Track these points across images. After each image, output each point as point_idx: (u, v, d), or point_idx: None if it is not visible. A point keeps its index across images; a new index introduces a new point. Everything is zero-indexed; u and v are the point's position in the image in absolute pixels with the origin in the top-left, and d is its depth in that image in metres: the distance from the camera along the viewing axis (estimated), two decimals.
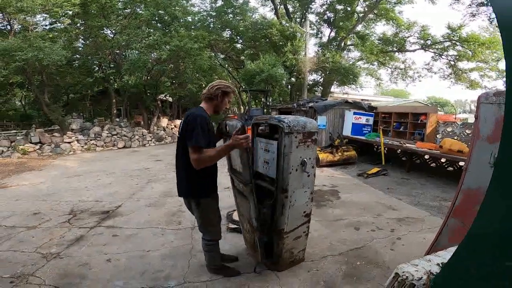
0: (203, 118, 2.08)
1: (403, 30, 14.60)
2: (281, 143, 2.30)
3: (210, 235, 2.44)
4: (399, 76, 16.66)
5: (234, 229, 3.50)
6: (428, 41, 14.26)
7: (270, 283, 2.47)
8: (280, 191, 2.38)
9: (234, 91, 2.30)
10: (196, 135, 1.98)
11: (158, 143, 12.63)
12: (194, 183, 2.20)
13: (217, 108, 2.32)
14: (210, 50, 13.94)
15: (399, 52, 15.54)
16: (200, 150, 2.00)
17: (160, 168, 7.55)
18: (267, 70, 11.31)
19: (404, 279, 1.85)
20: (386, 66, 16.26)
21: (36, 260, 2.81)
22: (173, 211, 4.26)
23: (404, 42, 14.78)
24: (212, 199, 2.36)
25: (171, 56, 10.95)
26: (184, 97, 15.75)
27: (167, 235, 3.40)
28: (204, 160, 2.02)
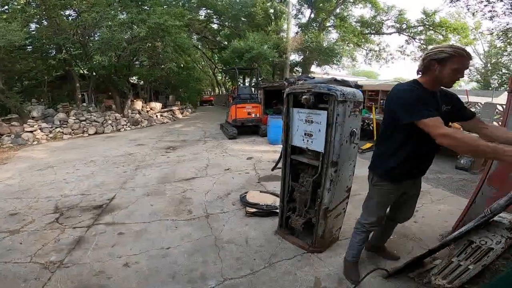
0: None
1: (382, 13, 14.86)
2: (334, 112, 2.05)
3: None
4: (373, 57, 17.15)
5: (253, 213, 3.24)
6: (403, 25, 14.70)
7: (315, 266, 2.30)
8: (330, 164, 2.16)
9: (461, 54, 1.54)
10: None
11: (134, 127, 11.72)
12: None
13: (437, 81, 1.66)
14: (187, 30, 13.05)
15: (376, 34, 15.88)
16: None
17: (145, 152, 6.96)
18: (256, 48, 10.88)
19: (481, 245, 1.80)
20: (361, 47, 16.56)
21: (37, 272, 2.30)
22: (178, 199, 3.88)
23: (382, 25, 15.11)
24: None
25: (149, 34, 10.00)
26: (160, 79, 14.70)
27: (182, 227, 3.03)
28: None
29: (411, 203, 2.12)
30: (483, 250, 1.73)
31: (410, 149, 1.74)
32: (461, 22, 13.50)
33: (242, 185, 4.38)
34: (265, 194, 3.77)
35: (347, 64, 16.66)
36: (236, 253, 2.46)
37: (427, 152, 1.81)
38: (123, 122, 11.39)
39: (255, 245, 2.58)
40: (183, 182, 4.61)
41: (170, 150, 7.26)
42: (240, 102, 8.60)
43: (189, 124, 12.97)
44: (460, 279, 1.83)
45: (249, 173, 5.09)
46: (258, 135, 8.80)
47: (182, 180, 4.74)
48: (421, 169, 1.91)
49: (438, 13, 13.58)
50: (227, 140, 8.51)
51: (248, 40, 11.72)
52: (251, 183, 4.49)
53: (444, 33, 13.68)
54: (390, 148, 1.82)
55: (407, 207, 2.13)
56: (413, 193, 2.06)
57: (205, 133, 10.21)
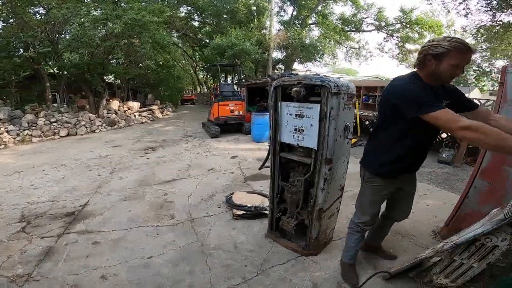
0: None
1: (362, 11, 15.10)
2: (327, 105, 1.89)
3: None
4: (353, 55, 17.42)
5: (241, 216, 3.04)
6: (382, 22, 15.03)
7: (311, 270, 2.14)
8: (324, 162, 2.01)
9: (459, 48, 1.40)
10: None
11: (111, 127, 11.10)
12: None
13: (434, 77, 1.53)
14: (166, 27, 12.59)
15: (357, 32, 16.15)
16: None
17: (122, 154, 6.54)
18: (239, 44, 10.62)
19: (486, 242, 1.71)
20: (342, 45, 16.77)
21: (3, 286, 2.04)
22: (158, 203, 3.60)
23: (362, 22, 15.36)
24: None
25: (125, 30, 9.48)
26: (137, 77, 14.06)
27: (164, 233, 2.78)
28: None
29: (408, 200, 2.01)
30: (487, 248, 1.64)
31: (409, 144, 1.65)
32: (435, 20, 13.98)
33: (227, 186, 4.17)
34: (253, 195, 3.58)
35: (328, 61, 16.82)
36: (225, 260, 2.26)
37: (425, 146, 1.75)
38: (98, 122, 10.77)
39: (245, 250, 2.39)
40: (164, 185, 4.32)
41: (150, 151, 6.89)
42: (222, 99, 8.34)
43: (170, 124, 12.52)
44: (464, 278, 1.75)
45: (234, 172, 4.88)
46: (241, 133, 8.59)
47: (162, 182, 4.45)
48: (417, 164, 1.83)
49: (414, 11, 14.04)
50: (210, 139, 8.24)
51: (231, 36, 11.43)
52: (236, 184, 4.29)
53: (420, 30, 14.13)
54: (385, 143, 1.73)
55: (404, 204, 2.02)
56: (409, 190, 1.96)
57: (186, 132, 9.86)
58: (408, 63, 16.77)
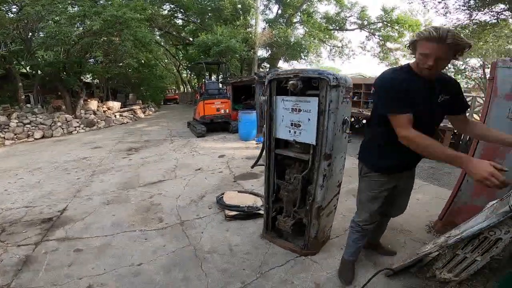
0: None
1: (346, 10, 15.36)
2: (326, 98, 1.81)
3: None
4: (337, 53, 17.68)
5: (234, 217, 2.91)
6: (365, 21, 15.33)
7: (312, 270, 2.06)
8: (323, 158, 1.92)
9: (423, 37, 1.32)
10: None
11: (89, 128, 10.58)
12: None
13: (419, 68, 1.46)
14: (148, 25, 12.18)
15: (340, 30, 16.39)
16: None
17: (102, 156, 6.21)
18: (225, 41, 10.41)
19: (490, 235, 1.69)
20: (326, 44, 16.95)
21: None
22: (144, 205, 3.40)
23: (345, 21, 15.61)
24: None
25: (105, 27, 9.05)
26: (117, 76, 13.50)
27: (153, 238, 2.60)
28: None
29: (405, 196, 1.97)
30: (491, 241, 1.62)
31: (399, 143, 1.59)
32: (414, 19, 14.45)
33: (217, 186, 4.03)
34: (244, 194, 3.46)
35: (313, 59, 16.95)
36: (222, 264, 2.13)
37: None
38: (76, 123, 10.24)
39: (241, 252, 2.27)
40: (149, 187, 4.11)
41: (133, 152, 6.60)
42: (208, 98, 8.13)
43: (153, 124, 12.13)
44: (467, 271, 1.72)
45: (222, 172, 4.74)
46: (228, 132, 8.43)
47: (148, 184, 4.24)
48: (415, 160, 1.75)
49: (395, 10, 14.45)
50: (196, 138, 8.02)
51: (216, 33, 11.19)
52: (226, 183, 4.15)
53: (399, 29, 14.55)
54: (379, 138, 1.68)
55: (401, 200, 1.96)
56: (406, 185, 1.91)
57: (171, 132, 9.56)
58: (388, 62, 17.20)
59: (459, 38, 1.28)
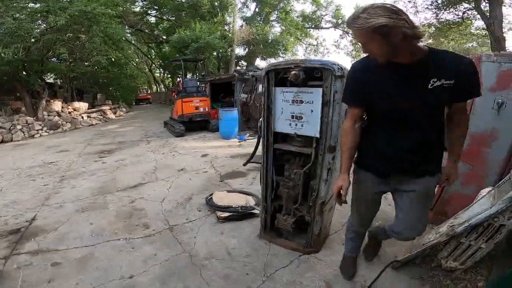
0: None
1: (321, 8, 15.68)
2: (331, 88, 1.73)
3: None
4: (312, 51, 18.06)
5: (226, 218, 2.75)
6: (339, 20, 15.78)
7: (318, 268, 1.98)
8: (327, 150, 1.84)
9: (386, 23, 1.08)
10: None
11: (54, 131, 9.75)
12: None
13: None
14: (119, 21, 11.50)
15: (315, 29, 16.72)
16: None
17: (71, 160, 5.71)
18: (204, 38, 10.08)
19: (494, 222, 1.71)
20: (301, 42, 17.20)
21: None
22: (125, 211, 3.12)
23: (321, 20, 15.98)
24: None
25: (71, 23, 8.37)
26: (84, 75, 12.58)
27: (140, 247, 2.36)
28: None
29: (408, 210, 1.50)
30: (495, 228, 1.63)
31: (380, 134, 1.42)
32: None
33: (203, 187, 3.83)
34: (234, 194, 3.31)
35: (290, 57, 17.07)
36: (222, 270, 1.96)
37: (407, 139, 1.34)
38: (38, 126, 9.38)
39: (241, 256, 2.12)
40: (129, 191, 3.81)
41: (106, 154, 6.15)
42: (186, 96, 7.82)
43: (125, 124, 11.49)
44: (473, 259, 1.73)
45: (207, 171, 4.54)
46: (208, 131, 8.18)
47: (127, 188, 3.93)
48: (409, 160, 1.37)
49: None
50: (174, 138, 7.69)
51: (195, 29, 10.82)
52: (213, 183, 3.97)
53: None
54: (363, 129, 1.51)
55: (408, 212, 1.50)
56: (408, 197, 1.47)
57: (146, 132, 9.09)
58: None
59: (368, 21, 1.08)
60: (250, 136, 7.17)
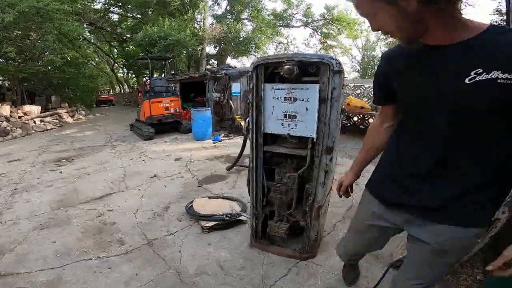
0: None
1: (293, 7, 15.90)
2: (329, 84, 1.62)
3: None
4: (282, 50, 18.24)
5: (212, 227, 2.54)
6: (309, 19, 16.15)
7: (319, 274, 1.89)
8: (325, 151, 1.74)
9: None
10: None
11: (2, 138, 8.62)
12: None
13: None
14: (77, 19, 10.52)
15: (286, 27, 16.97)
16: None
17: (24, 170, 5.03)
18: (174, 35, 9.56)
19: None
20: (272, 40, 17.28)
21: None
22: (94, 226, 2.77)
23: (292, 18, 16.20)
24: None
25: (20, 20, 7.44)
26: (35, 76, 11.32)
27: (118, 266, 2.06)
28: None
29: (420, 261, 1.07)
30: None
31: (395, 141, 1.09)
32: (352, 18, 15.87)
33: (181, 194, 3.56)
34: (216, 200, 3.11)
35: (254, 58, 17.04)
36: (217, 286, 1.77)
37: (420, 156, 0.95)
38: None
39: (235, 269, 1.94)
40: (95, 203, 3.42)
41: (64, 163, 5.53)
42: (154, 96, 7.33)
43: (85, 128, 10.56)
44: (469, 253, 1.74)
45: (183, 177, 4.25)
46: (180, 132, 7.79)
47: (92, 200, 3.53)
48: (417, 189, 0.97)
49: (336, 8, 15.68)
50: (143, 141, 7.19)
51: (164, 26, 10.24)
52: (191, 189, 3.71)
53: (339, 27, 15.75)
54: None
55: (414, 262, 1.11)
56: (419, 238, 1.02)
57: (110, 136, 8.41)
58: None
59: None
60: (225, 137, 6.95)
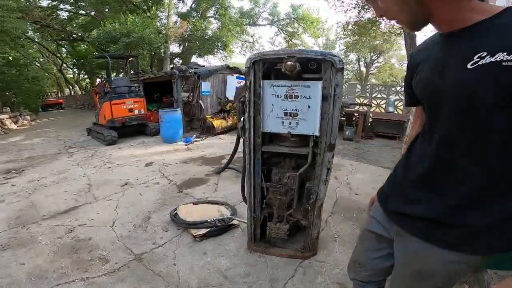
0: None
1: (259, 5, 15.88)
2: (332, 82, 1.61)
3: None
4: (248, 48, 18.13)
5: (204, 235, 2.39)
6: (275, 17, 16.33)
7: (326, 271, 1.90)
8: (327, 149, 1.73)
9: None
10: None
11: None
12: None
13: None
14: (21, 16, 9.23)
15: (253, 26, 16.94)
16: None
17: None
18: (138, 31, 8.86)
19: None
20: (238, 39, 17.03)
21: None
22: (66, 244, 2.44)
23: (259, 17, 16.21)
24: None
25: None
26: None
27: (108, 287, 1.83)
28: None
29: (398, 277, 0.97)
30: None
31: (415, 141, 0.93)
32: (315, 16, 16.46)
33: (160, 201, 3.32)
34: (202, 206, 2.95)
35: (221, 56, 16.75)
36: None
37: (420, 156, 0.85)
38: None
39: (239, 276, 1.84)
40: (60, 217, 3.03)
41: (13, 175, 4.85)
42: (116, 97, 6.75)
43: (33, 135, 9.40)
44: None
45: (159, 183, 3.98)
46: (146, 135, 7.32)
47: (56, 214, 3.13)
48: (408, 194, 0.86)
49: (301, 7, 16.06)
50: (105, 146, 6.60)
51: (127, 22, 9.51)
52: (170, 196, 3.48)
53: (303, 25, 16.20)
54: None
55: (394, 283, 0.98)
56: (398, 260, 0.94)
57: (64, 143, 7.58)
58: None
59: None
60: (198, 138, 6.70)
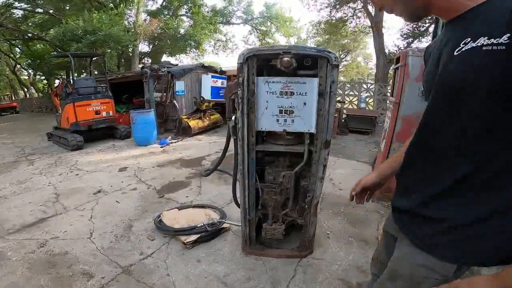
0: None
1: (233, 4, 15.64)
2: (328, 78, 1.60)
3: None
4: (221, 47, 17.78)
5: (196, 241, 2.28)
6: (249, 16, 16.22)
7: (324, 268, 1.91)
8: (323, 146, 1.73)
9: None
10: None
11: None
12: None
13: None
14: None
15: (226, 24, 16.64)
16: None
17: None
18: (105, 29, 8.24)
19: None
20: (210, 38, 16.63)
21: None
22: (41, 260, 2.20)
23: (232, 15, 15.97)
24: None
25: None
26: None
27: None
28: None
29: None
30: None
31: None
32: (288, 16, 16.67)
33: (141, 208, 3.12)
34: (188, 210, 2.81)
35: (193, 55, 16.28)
36: None
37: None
38: None
39: (239, 282, 1.77)
40: (28, 231, 2.73)
41: None
42: (80, 99, 6.22)
43: None
44: None
45: (137, 188, 3.75)
46: (116, 139, 6.88)
47: (23, 228, 2.81)
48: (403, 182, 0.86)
49: (274, 7, 16.16)
50: (70, 152, 6.08)
51: (93, 20, 8.81)
52: (151, 201, 3.29)
53: (277, 24, 16.29)
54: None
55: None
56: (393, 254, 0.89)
57: (22, 149, 6.87)
58: None
59: None
60: (173, 139, 6.45)
